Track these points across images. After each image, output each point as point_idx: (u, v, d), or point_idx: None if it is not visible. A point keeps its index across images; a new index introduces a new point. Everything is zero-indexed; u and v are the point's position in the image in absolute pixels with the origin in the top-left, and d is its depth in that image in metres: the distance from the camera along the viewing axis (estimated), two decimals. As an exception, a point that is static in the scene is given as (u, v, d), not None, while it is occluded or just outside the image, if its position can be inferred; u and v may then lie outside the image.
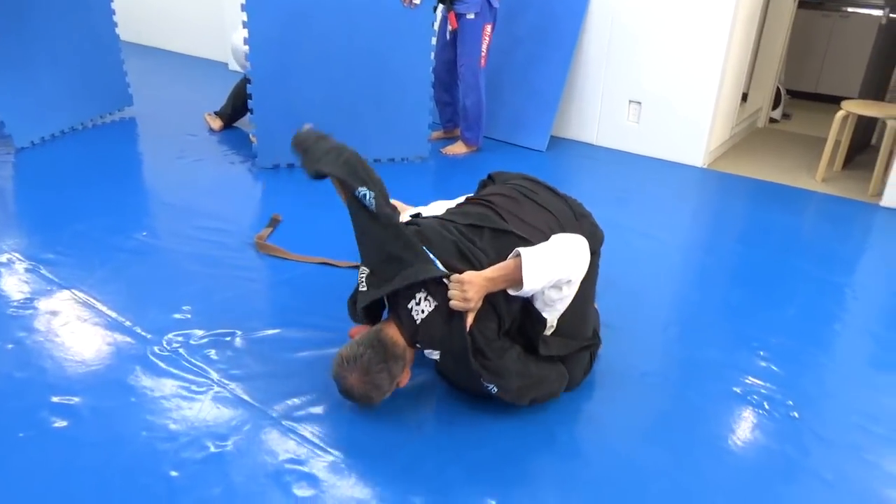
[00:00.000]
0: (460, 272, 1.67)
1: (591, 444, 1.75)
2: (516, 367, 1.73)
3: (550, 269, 1.66)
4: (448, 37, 3.64)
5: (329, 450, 1.69)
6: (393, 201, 1.90)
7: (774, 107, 4.74)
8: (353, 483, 1.59)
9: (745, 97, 4.36)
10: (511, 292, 1.68)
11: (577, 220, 1.95)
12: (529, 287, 1.64)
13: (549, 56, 3.91)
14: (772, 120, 4.79)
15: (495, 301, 1.70)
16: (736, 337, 2.22)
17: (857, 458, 1.72)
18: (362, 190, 1.76)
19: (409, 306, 1.70)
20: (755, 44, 4.17)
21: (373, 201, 1.75)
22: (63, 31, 3.77)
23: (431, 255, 1.72)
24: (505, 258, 1.70)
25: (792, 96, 5.09)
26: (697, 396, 1.93)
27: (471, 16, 3.49)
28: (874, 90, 3.87)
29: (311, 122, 2.12)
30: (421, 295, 1.69)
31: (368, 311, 1.81)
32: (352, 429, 1.77)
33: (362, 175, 1.81)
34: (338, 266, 2.55)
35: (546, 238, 1.77)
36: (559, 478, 1.63)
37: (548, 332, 1.79)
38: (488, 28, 3.55)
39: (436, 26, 3.55)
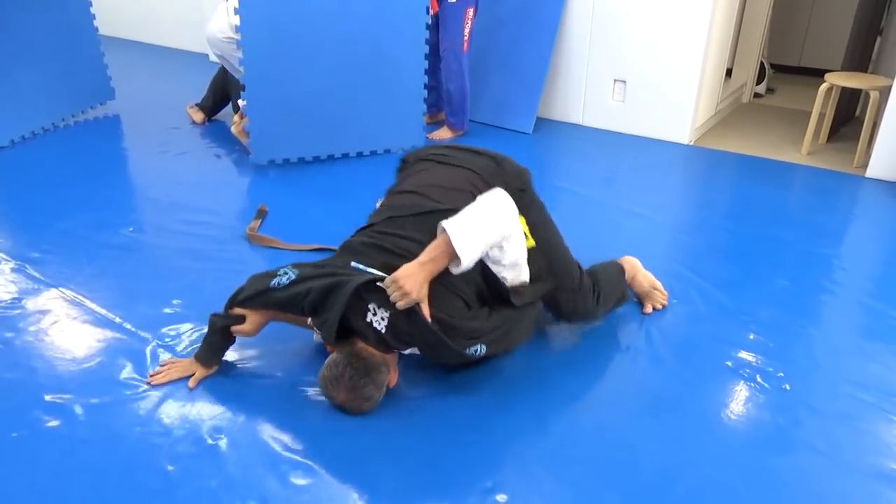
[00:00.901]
0: (397, 269, 1.64)
1: (584, 424, 1.76)
2: (491, 322, 1.72)
3: (481, 232, 1.63)
4: (430, 21, 3.61)
5: (325, 439, 1.69)
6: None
7: (759, 82, 4.75)
8: (349, 470, 1.60)
9: (729, 73, 4.36)
10: (453, 269, 1.64)
11: (498, 166, 1.94)
12: (467, 258, 1.60)
13: (533, 37, 3.89)
14: (756, 95, 4.80)
15: (447, 282, 1.67)
16: (726, 311, 2.23)
17: (849, 427, 1.74)
18: (274, 282, 1.74)
19: (368, 320, 1.66)
20: (738, 19, 4.17)
21: (285, 279, 1.74)
22: (40, 26, 3.71)
23: (362, 267, 1.70)
24: (436, 236, 1.66)
25: (776, 70, 5.09)
26: (689, 372, 1.95)
27: (452, 0, 3.46)
28: (857, 62, 3.88)
29: (306, 113, 2.13)
30: (372, 306, 1.65)
31: (339, 334, 1.72)
32: (347, 418, 1.77)
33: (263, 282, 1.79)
34: (332, 251, 2.54)
35: (473, 198, 1.73)
36: (553, 458, 1.64)
37: (519, 286, 1.79)
38: (470, 12, 3.52)
39: None
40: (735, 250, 2.67)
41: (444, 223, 1.62)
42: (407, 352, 1.78)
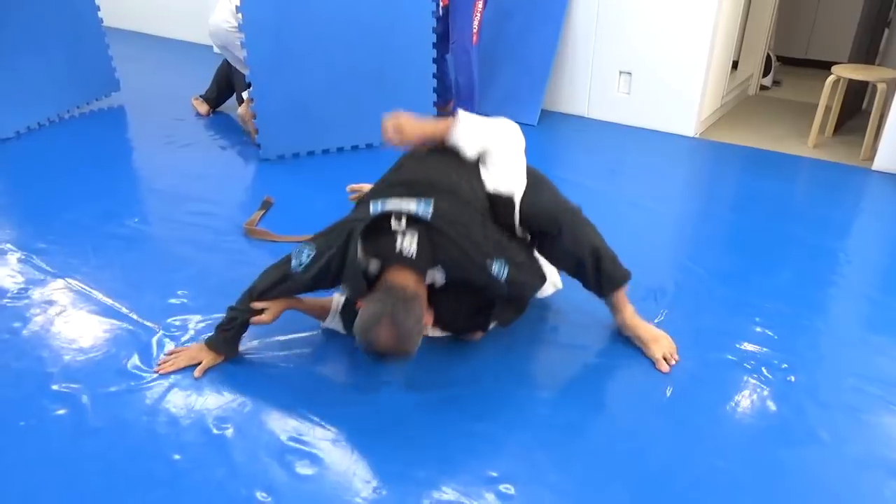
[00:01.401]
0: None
1: (589, 416, 1.76)
2: (513, 245, 1.83)
3: (483, 129, 1.91)
4: (440, 11, 3.58)
5: (330, 427, 1.70)
6: None
7: (765, 74, 4.72)
8: (355, 459, 1.60)
9: (735, 65, 4.34)
10: (450, 142, 1.90)
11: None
12: (461, 138, 1.88)
13: (538, 28, 3.87)
14: (762, 87, 4.77)
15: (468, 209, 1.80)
16: (730, 304, 2.23)
17: (855, 419, 1.74)
18: (295, 263, 1.78)
19: (399, 249, 1.69)
20: (744, 11, 4.15)
21: (304, 258, 1.77)
22: (45, 17, 3.71)
23: (380, 202, 1.75)
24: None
25: (782, 63, 5.06)
26: (694, 364, 1.95)
27: None
28: (864, 54, 3.86)
29: (313, 106, 2.22)
30: (398, 229, 1.69)
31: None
32: (352, 406, 1.78)
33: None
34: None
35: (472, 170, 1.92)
36: (559, 449, 1.65)
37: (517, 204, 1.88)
38: (479, 4, 3.49)
39: None
40: (740, 242, 2.67)
41: (459, 111, 1.90)
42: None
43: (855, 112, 4.15)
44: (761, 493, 1.52)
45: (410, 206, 1.71)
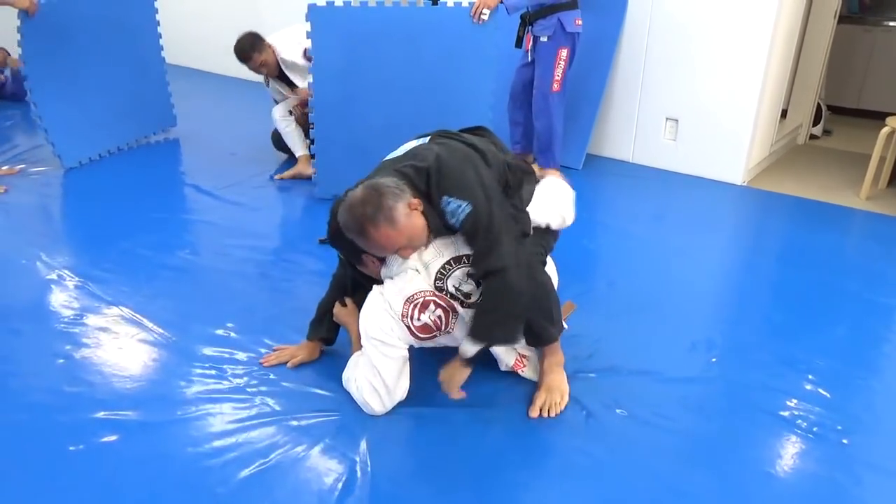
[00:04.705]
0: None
1: (634, 468, 1.72)
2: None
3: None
4: (529, 57, 3.63)
5: (373, 466, 1.69)
6: None
7: (815, 123, 4.66)
8: (396, 499, 1.60)
9: (784, 114, 4.29)
10: None
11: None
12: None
13: (586, 74, 3.90)
14: (812, 136, 4.70)
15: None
16: (780, 359, 2.17)
17: (913, 487, 1.67)
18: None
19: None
20: (794, 59, 4.12)
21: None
22: (112, 54, 3.91)
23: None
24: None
25: (833, 112, 4.99)
26: (742, 420, 1.89)
27: (544, 39, 3.47)
28: (920, 106, 3.78)
29: (371, 150, 2.31)
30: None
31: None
32: (393, 446, 1.78)
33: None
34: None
35: None
36: (602, 502, 1.61)
37: None
38: (563, 52, 3.48)
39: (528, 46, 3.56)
40: (790, 296, 2.60)
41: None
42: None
43: (910, 164, 4.05)
44: (815, 562, 1.46)
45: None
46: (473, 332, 1.74)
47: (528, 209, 1.89)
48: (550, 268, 2.15)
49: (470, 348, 1.74)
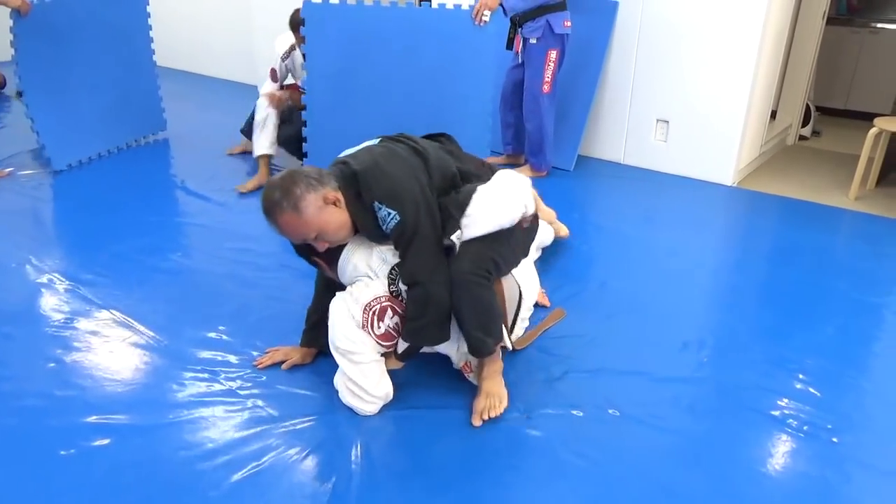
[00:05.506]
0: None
1: (626, 467, 1.73)
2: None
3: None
4: (519, 59, 3.64)
5: (365, 468, 1.69)
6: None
7: (804, 124, 4.70)
8: (389, 501, 1.60)
9: (773, 115, 4.32)
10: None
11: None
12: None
13: (577, 76, 3.92)
14: (801, 137, 4.74)
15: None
16: (771, 358, 2.19)
17: (902, 485, 1.68)
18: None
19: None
20: (784, 61, 4.15)
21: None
22: (104, 57, 3.88)
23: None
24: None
25: (822, 113, 5.03)
26: (733, 419, 1.90)
27: (533, 40, 3.48)
28: (907, 107, 3.82)
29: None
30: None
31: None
32: (385, 448, 1.77)
33: None
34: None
35: None
36: (595, 501, 1.62)
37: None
38: (552, 54, 3.50)
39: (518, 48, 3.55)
40: (780, 296, 2.62)
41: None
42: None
43: (897, 165, 4.09)
44: (805, 560, 1.47)
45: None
46: (403, 333, 1.85)
47: (471, 216, 1.79)
48: (529, 272, 2.15)
49: (400, 345, 1.86)
